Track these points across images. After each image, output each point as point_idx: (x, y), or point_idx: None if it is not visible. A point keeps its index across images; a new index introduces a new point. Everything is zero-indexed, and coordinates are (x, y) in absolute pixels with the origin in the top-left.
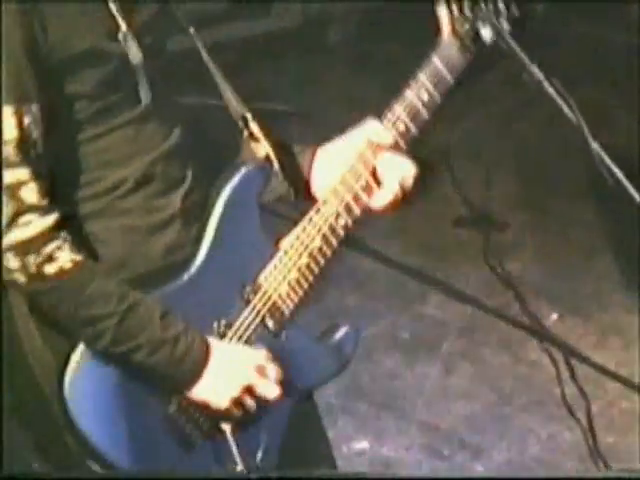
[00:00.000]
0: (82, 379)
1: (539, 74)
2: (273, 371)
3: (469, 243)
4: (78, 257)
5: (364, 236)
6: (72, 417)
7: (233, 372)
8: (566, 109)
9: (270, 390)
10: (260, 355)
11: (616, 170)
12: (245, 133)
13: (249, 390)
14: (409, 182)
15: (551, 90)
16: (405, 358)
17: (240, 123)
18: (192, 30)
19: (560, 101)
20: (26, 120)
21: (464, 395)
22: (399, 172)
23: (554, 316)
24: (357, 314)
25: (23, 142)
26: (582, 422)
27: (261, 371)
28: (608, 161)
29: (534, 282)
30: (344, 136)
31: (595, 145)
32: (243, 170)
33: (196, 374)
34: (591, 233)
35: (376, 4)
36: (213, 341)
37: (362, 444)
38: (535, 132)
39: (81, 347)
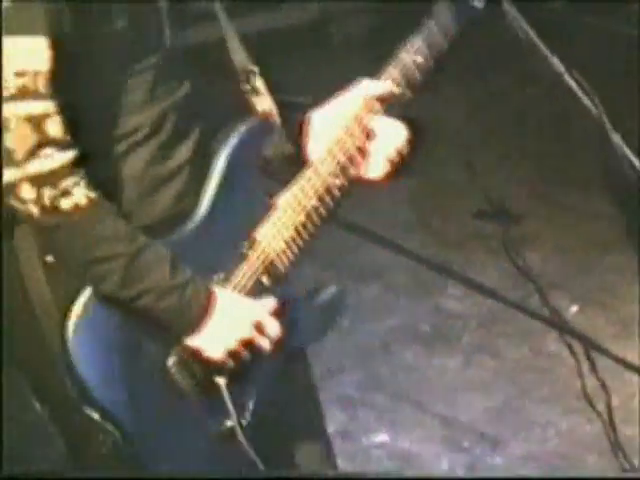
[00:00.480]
0: (84, 324)
1: (560, 66)
2: (273, 327)
3: (488, 236)
4: (93, 195)
5: (383, 228)
6: (72, 360)
7: (233, 325)
8: (587, 101)
9: (265, 345)
10: (261, 309)
11: (637, 162)
12: (247, 86)
13: (245, 343)
14: (401, 146)
15: (572, 82)
16: (424, 350)
17: (244, 78)
18: None
19: (581, 93)
20: (60, 52)
21: (483, 388)
22: (392, 138)
23: (574, 308)
24: (376, 306)
25: (54, 74)
26: (602, 414)
27: (260, 326)
28: (629, 153)
29: (554, 274)
30: (337, 98)
31: (617, 137)
32: (246, 124)
33: (200, 322)
34: (610, 225)
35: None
36: (218, 290)
37: (381, 436)
38: (552, 125)
39: (87, 292)
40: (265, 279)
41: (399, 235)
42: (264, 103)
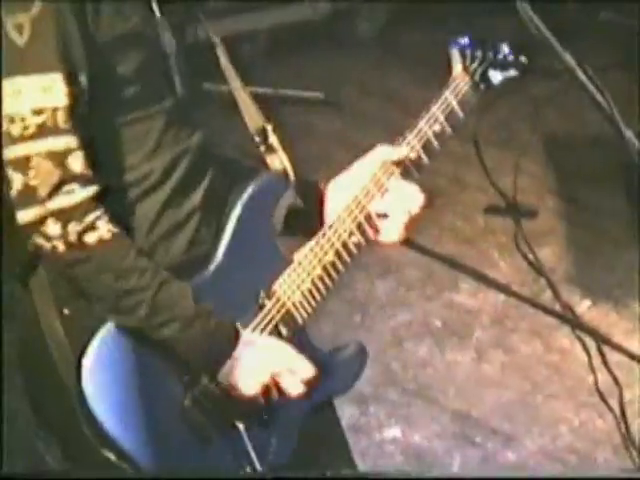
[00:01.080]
0: (100, 366)
1: (572, 61)
2: (307, 367)
3: (500, 231)
4: (115, 229)
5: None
6: (89, 404)
7: (265, 358)
8: (599, 97)
9: (296, 385)
10: (292, 350)
11: None
12: (262, 145)
13: (276, 380)
14: (416, 211)
15: (584, 78)
16: (437, 346)
17: (257, 137)
18: (216, 40)
19: (592, 89)
20: (75, 88)
21: (496, 383)
22: (407, 203)
23: (586, 304)
24: (388, 302)
25: (73, 109)
26: (614, 410)
27: (289, 363)
28: None
29: (566, 270)
30: (354, 164)
31: (629, 133)
32: (264, 176)
33: (227, 349)
34: (623, 220)
35: None
36: (240, 328)
37: (393, 431)
38: (565, 120)
39: (101, 334)
40: (284, 330)
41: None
42: (279, 161)
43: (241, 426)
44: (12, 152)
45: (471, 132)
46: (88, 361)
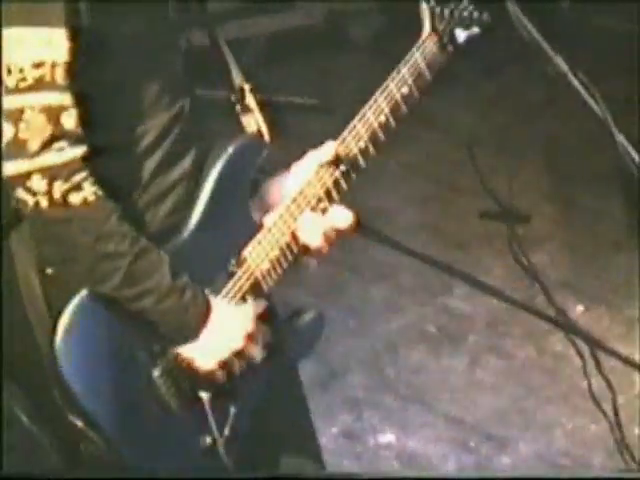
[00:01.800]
0: (74, 330)
1: (564, 66)
2: (263, 333)
3: (494, 236)
4: (99, 191)
5: (390, 230)
6: (59, 367)
7: (227, 336)
8: (591, 102)
9: (258, 354)
10: (251, 315)
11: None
12: (238, 106)
13: (237, 354)
14: (333, 234)
15: (576, 82)
16: (431, 351)
17: (234, 95)
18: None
19: (585, 93)
20: (77, 45)
21: (490, 388)
22: (328, 223)
23: (580, 308)
24: (382, 307)
25: (72, 67)
26: (608, 414)
27: (252, 335)
28: (634, 153)
29: (560, 274)
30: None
31: (620, 137)
32: (238, 141)
33: (199, 325)
34: (617, 225)
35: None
36: (212, 298)
37: (388, 437)
38: (561, 125)
39: (76, 301)
40: (249, 298)
41: (405, 236)
42: (254, 121)
43: (205, 396)
44: (6, 102)
45: (466, 137)
46: (62, 326)
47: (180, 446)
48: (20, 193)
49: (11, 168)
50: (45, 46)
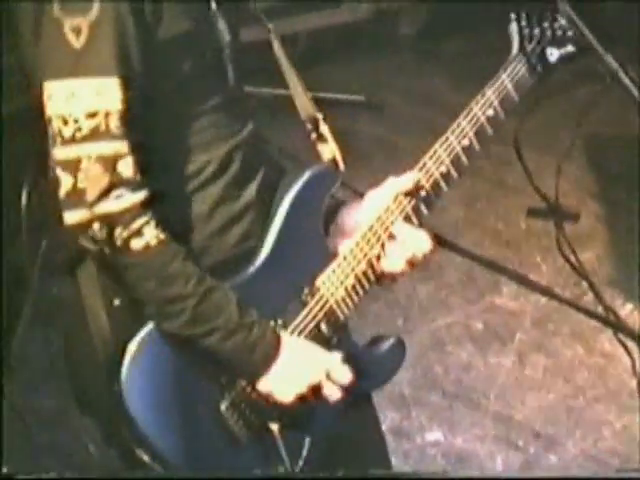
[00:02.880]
0: (141, 364)
1: (614, 64)
2: (345, 374)
3: (542, 234)
4: (162, 235)
5: (437, 227)
6: (126, 402)
7: (304, 368)
8: None
9: (334, 392)
10: (331, 356)
11: None
12: (313, 134)
13: (315, 389)
14: (418, 258)
15: (626, 80)
16: (478, 349)
17: (309, 125)
18: (271, 26)
19: (635, 91)
20: (130, 93)
21: (538, 386)
22: (411, 248)
23: (629, 307)
24: (429, 305)
25: (126, 114)
26: None
27: (330, 372)
28: None
29: (608, 273)
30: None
31: None
32: (313, 169)
33: (268, 362)
34: None
35: None
36: (284, 335)
37: (435, 435)
38: (608, 123)
39: (144, 331)
40: (324, 327)
41: (453, 233)
42: (330, 151)
43: (275, 428)
44: (63, 153)
45: (513, 135)
46: (128, 359)
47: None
48: (83, 241)
49: (71, 218)
50: (98, 96)
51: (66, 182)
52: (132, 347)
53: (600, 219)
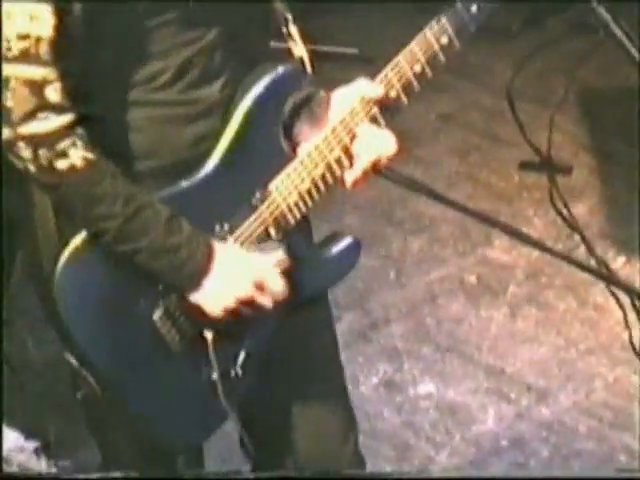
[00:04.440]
0: (76, 268)
1: (606, 15)
2: (277, 285)
3: (534, 187)
4: (90, 155)
5: (429, 180)
6: (57, 303)
7: (232, 283)
8: (634, 51)
9: (267, 303)
10: (265, 264)
11: None
12: (285, 32)
13: (245, 301)
14: (384, 160)
15: (619, 32)
16: (471, 302)
17: (282, 22)
18: None
19: (628, 43)
20: (65, 19)
21: (530, 339)
22: (375, 149)
23: (621, 259)
24: (422, 258)
25: (57, 41)
26: None
27: (262, 284)
28: None
29: (600, 226)
30: (336, 92)
31: None
32: (278, 69)
33: (196, 280)
34: None
35: None
36: (218, 246)
37: (428, 387)
38: (600, 75)
39: (81, 236)
40: (273, 232)
41: (445, 186)
42: (298, 51)
43: (209, 336)
44: None
45: (505, 88)
46: (64, 259)
47: (180, 386)
48: (11, 157)
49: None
50: (30, 20)
51: None
52: (67, 252)
53: (593, 172)
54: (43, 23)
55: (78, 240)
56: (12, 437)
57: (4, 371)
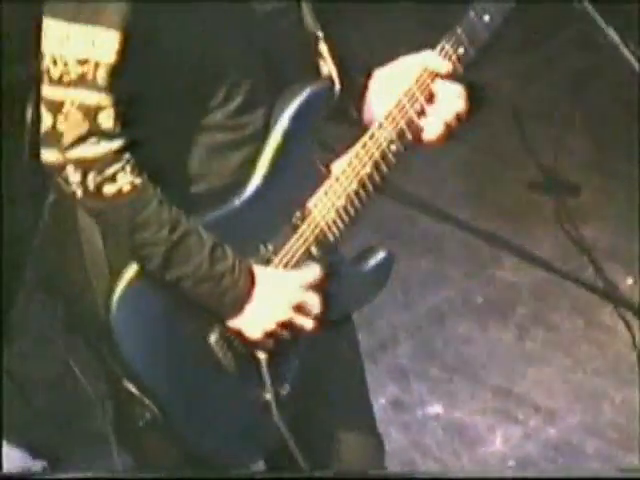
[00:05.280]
0: (129, 296)
1: (615, 36)
2: (314, 305)
3: (542, 207)
4: (138, 180)
5: (437, 200)
6: (114, 332)
7: (272, 308)
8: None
9: (307, 324)
10: (302, 283)
11: None
12: (315, 50)
13: (285, 324)
14: (461, 110)
15: (627, 52)
16: (478, 322)
17: (312, 40)
18: None
19: (635, 63)
20: (127, 47)
21: (537, 360)
22: (453, 101)
23: (629, 280)
24: (430, 278)
25: (116, 68)
26: None
27: (300, 306)
28: None
29: (608, 246)
30: (399, 61)
31: None
32: (308, 90)
33: (237, 307)
34: None
35: None
36: (258, 270)
37: (435, 408)
38: (608, 94)
39: (134, 268)
40: (314, 249)
41: (453, 206)
42: (327, 68)
43: (262, 356)
44: (49, 92)
45: (513, 106)
46: (121, 290)
47: (237, 407)
48: (58, 180)
49: (47, 156)
50: (92, 45)
51: (46, 121)
52: (122, 281)
53: (600, 192)
54: (106, 49)
55: (131, 272)
56: (18, 457)
57: (10, 388)
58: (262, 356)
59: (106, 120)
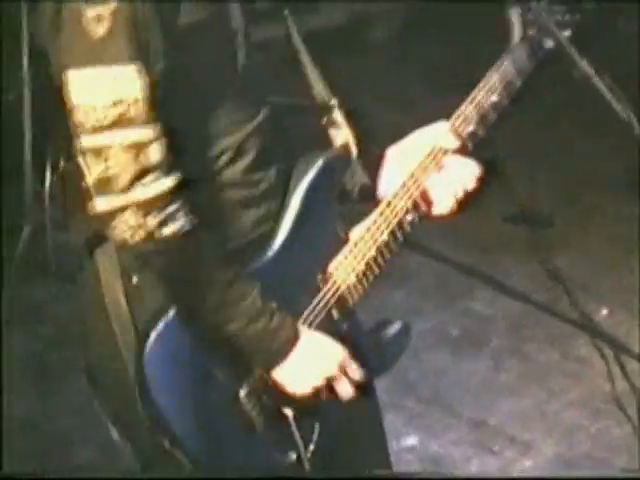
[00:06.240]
0: (161, 349)
1: (589, 70)
2: (356, 371)
3: (516, 238)
4: (195, 220)
5: (411, 231)
6: (146, 386)
7: (320, 361)
8: (616, 105)
9: (347, 389)
10: (344, 352)
11: None
12: (325, 120)
13: (329, 383)
14: (471, 185)
15: (602, 86)
16: (453, 354)
17: (323, 109)
18: (286, 12)
19: (611, 97)
20: (152, 80)
21: (512, 391)
22: (466, 180)
23: (604, 311)
24: (404, 310)
25: (149, 101)
26: (632, 418)
27: (344, 367)
28: None
29: (582, 277)
30: (413, 135)
31: None
32: (326, 155)
33: (286, 350)
34: (638, 228)
35: (420, 3)
36: (301, 326)
37: (411, 440)
38: (581, 128)
39: (164, 319)
40: (335, 313)
41: (427, 237)
42: (343, 136)
43: (289, 413)
44: (91, 141)
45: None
46: (150, 344)
47: (264, 463)
48: (114, 228)
49: (102, 205)
50: (121, 84)
51: (94, 170)
52: (153, 333)
53: (574, 223)
54: (133, 84)
55: (160, 327)
56: None
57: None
58: (289, 413)
59: (156, 154)
